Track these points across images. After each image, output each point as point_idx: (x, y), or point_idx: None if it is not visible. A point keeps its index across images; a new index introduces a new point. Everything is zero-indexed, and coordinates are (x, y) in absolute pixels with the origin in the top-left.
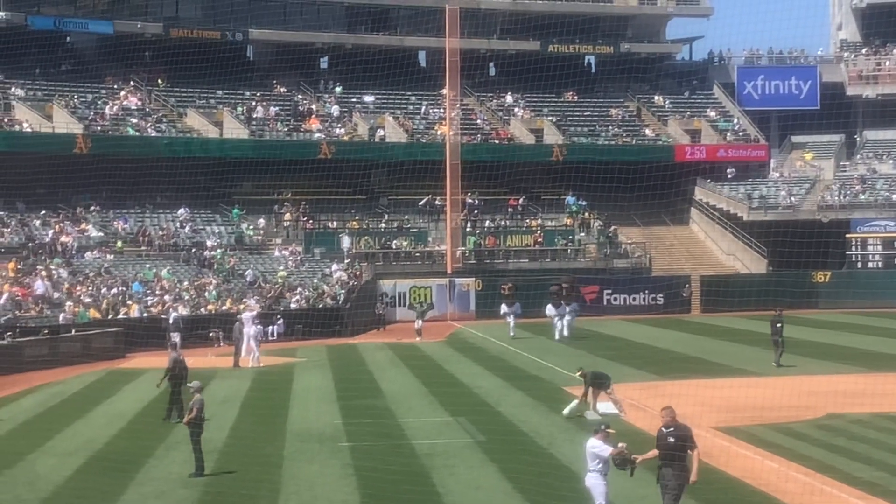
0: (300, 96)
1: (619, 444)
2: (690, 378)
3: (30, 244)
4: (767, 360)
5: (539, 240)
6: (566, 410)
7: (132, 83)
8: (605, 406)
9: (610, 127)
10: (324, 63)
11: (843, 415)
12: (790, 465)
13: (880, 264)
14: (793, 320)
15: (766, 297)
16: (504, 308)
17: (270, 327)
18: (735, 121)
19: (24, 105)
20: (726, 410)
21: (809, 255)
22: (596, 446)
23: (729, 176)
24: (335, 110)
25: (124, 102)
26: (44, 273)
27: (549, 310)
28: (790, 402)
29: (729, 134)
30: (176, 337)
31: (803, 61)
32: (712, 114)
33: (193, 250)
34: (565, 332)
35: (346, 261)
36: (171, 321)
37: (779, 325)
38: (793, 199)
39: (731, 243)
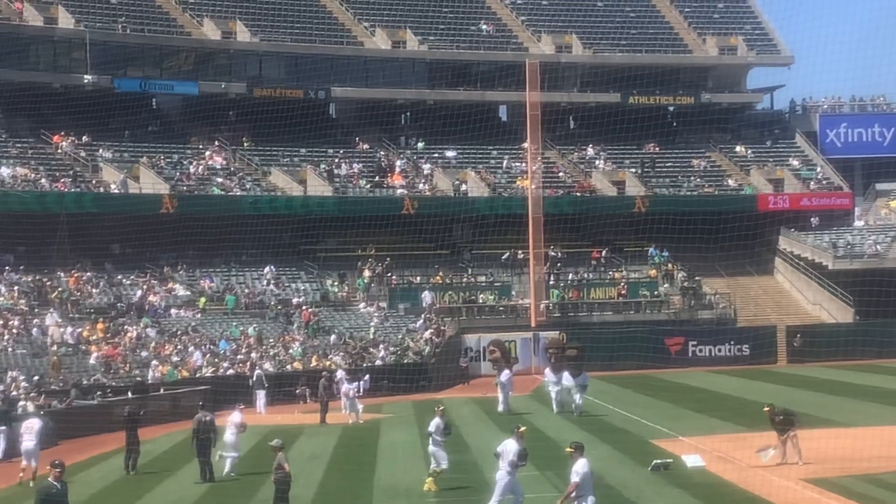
0: (382, 153)
1: None
2: None
3: (118, 304)
4: (855, 410)
5: (623, 292)
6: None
7: (217, 143)
8: (692, 458)
9: (692, 177)
10: (405, 119)
11: None
12: None
13: None
14: (880, 369)
15: (854, 347)
16: (497, 376)
17: (356, 383)
18: (818, 169)
19: (111, 166)
20: (815, 462)
21: None
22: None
23: (813, 225)
24: (421, 167)
25: (209, 162)
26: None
27: (567, 379)
28: (880, 452)
29: (812, 182)
30: (261, 395)
31: (886, 108)
32: (795, 162)
33: (279, 307)
34: (577, 411)
35: (424, 315)
36: (254, 379)
37: None
38: (878, 247)
39: (817, 293)
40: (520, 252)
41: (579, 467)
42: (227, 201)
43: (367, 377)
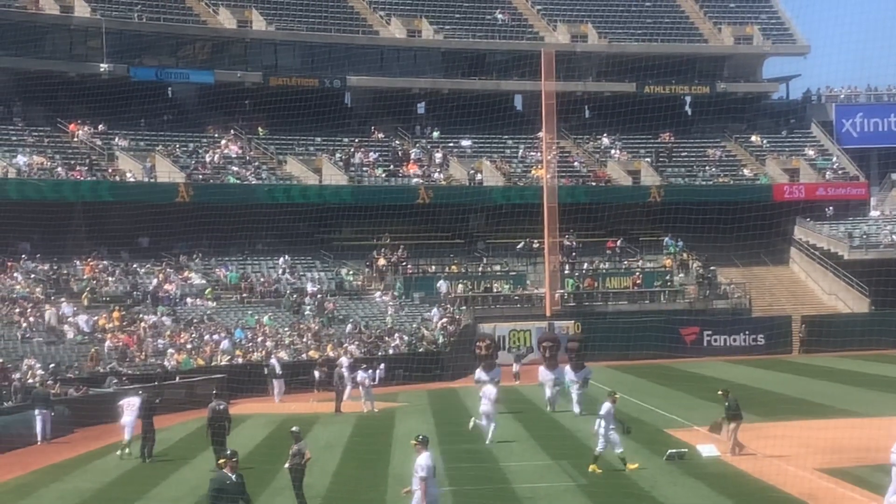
0: (398, 142)
1: None
2: (793, 419)
3: (134, 293)
4: (870, 400)
5: (638, 281)
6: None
7: (232, 132)
8: (707, 448)
9: (707, 167)
10: (421, 108)
11: None
12: None
13: None
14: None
15: (870, 337)
16: (480, 375)
17: (370, 371)
18: (834, 159)
19: (127, 155)
20: (830, 452)
21: None
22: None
23: (829, 214)
24: (435, 156)
25: (225, 151)
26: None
27: (568, 374)
28: None
29: (828, 172)
30: (276, 383)
31: None
32: (811, 152)
33: (294, 296)
34: (577, 408)
35: (440, 305)
36: (269, 367)
37: None
38: (894, 237)
39: (833, 283)
40: (535, 241)
41: (423, 461)
42: (243, 190)
43: (382, 366)
